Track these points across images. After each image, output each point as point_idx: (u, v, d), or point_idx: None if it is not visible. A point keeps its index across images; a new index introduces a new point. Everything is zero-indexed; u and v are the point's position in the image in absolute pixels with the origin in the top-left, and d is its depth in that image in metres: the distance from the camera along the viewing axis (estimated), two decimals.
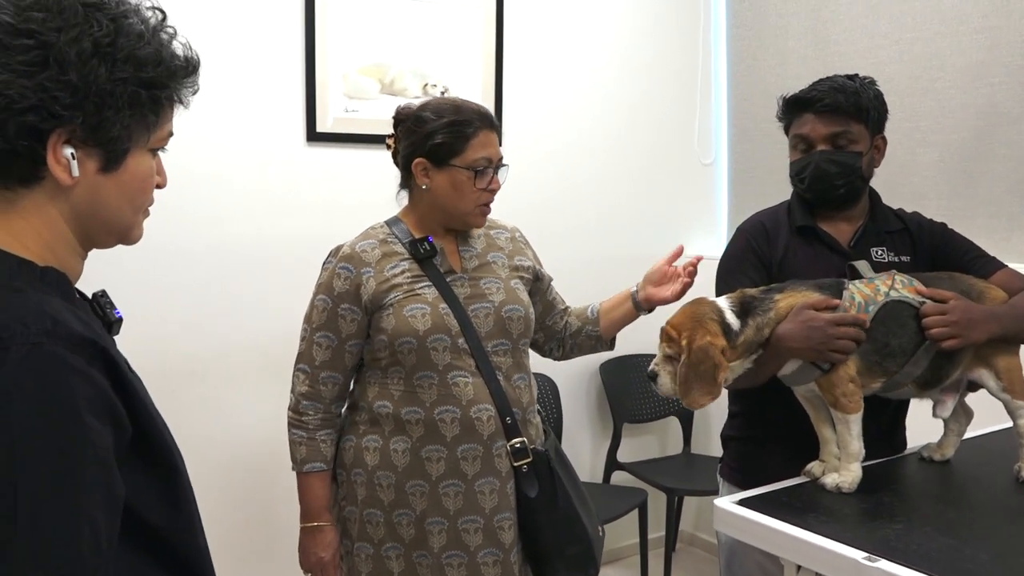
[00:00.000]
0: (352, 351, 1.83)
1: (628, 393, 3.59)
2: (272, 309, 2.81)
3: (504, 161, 1.86)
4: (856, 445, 1.63)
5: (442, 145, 1.79)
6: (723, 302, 1.68)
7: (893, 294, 1.69)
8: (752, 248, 1.90)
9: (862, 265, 1.79)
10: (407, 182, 1.90)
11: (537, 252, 2.07)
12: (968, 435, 1.89)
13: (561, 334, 2.07)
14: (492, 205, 1.89)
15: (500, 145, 1.86)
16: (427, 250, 1.82)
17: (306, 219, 2.86)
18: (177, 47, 0.95)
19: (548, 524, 1.82)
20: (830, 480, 1.63)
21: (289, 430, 1.87)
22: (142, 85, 0.91)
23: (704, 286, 1.93)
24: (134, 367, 0.95)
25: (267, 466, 2.85)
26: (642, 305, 1.99)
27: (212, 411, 2.73)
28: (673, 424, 3.73)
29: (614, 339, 2.10)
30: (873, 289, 1.69)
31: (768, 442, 1.89)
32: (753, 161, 3.66)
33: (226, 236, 2.74)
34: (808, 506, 1.57)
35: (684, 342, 1.62)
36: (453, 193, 1.81)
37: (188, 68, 0.96)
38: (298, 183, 2.85)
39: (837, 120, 1.83)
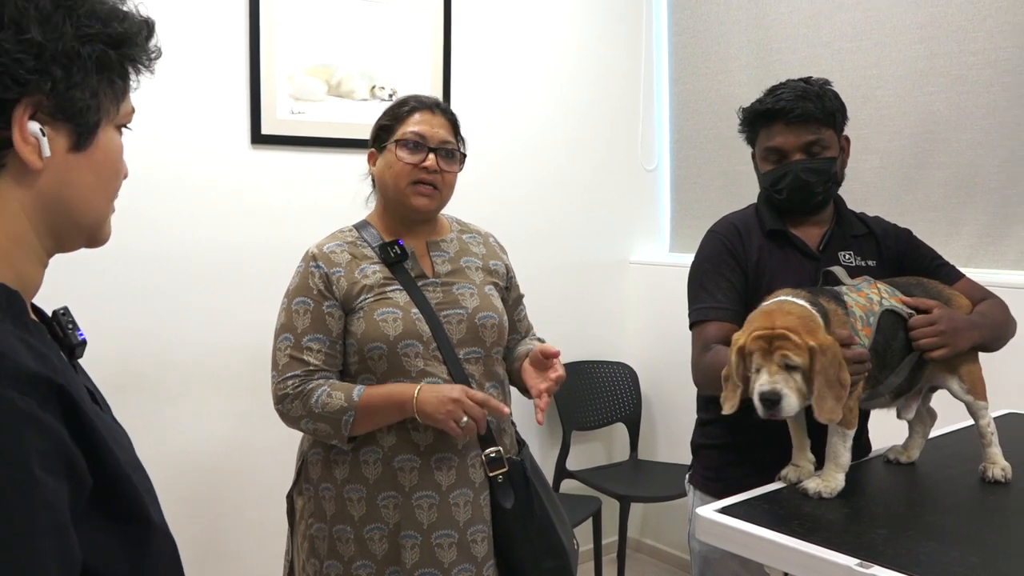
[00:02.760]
0: (341, 352, 1.75)
1: (576, 400, 3.57)
2: (217, 318, 2.69)
3: (459, 149, 1.81)
4: (847, 457, 1.62)
5: (381, 128, 1.81)
6: (801, 302, 1.55)
7: (884, 303, 1.69)
8: (728, 249, 1.88)
9: (839, 271, 1.78)
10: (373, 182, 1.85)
11: None
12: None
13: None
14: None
15: (454, 134, 1.81)
16: (397, 254, 1.76)
17: (252, 224, 2.74)
18: (129, 4, 0.84)
19: (524, 537, 1.77)
20: (812, 486, 1.61)
21: (299, 422, 1.71)
22: (111, 43, 0.80)
23: (666, 288, 1.91)
24: None
25: (213, 484, 2.73)
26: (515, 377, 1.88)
27: (153, 425, 2.59)
28: (619, 430, 3.72)
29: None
30: (866, 299, 1.68)
31: (747, 449, 1.88)
32: (695, 167, 3.70)
33: (167, 242, 2.60)
34: (790, 513, 1.55)
35: (812, 343, 1.45)
36: (388, 172, 1.78)
37: (148, 28, 0.85)
38: (243, 187, 2.73)
39: (809, 129, 1.83)
